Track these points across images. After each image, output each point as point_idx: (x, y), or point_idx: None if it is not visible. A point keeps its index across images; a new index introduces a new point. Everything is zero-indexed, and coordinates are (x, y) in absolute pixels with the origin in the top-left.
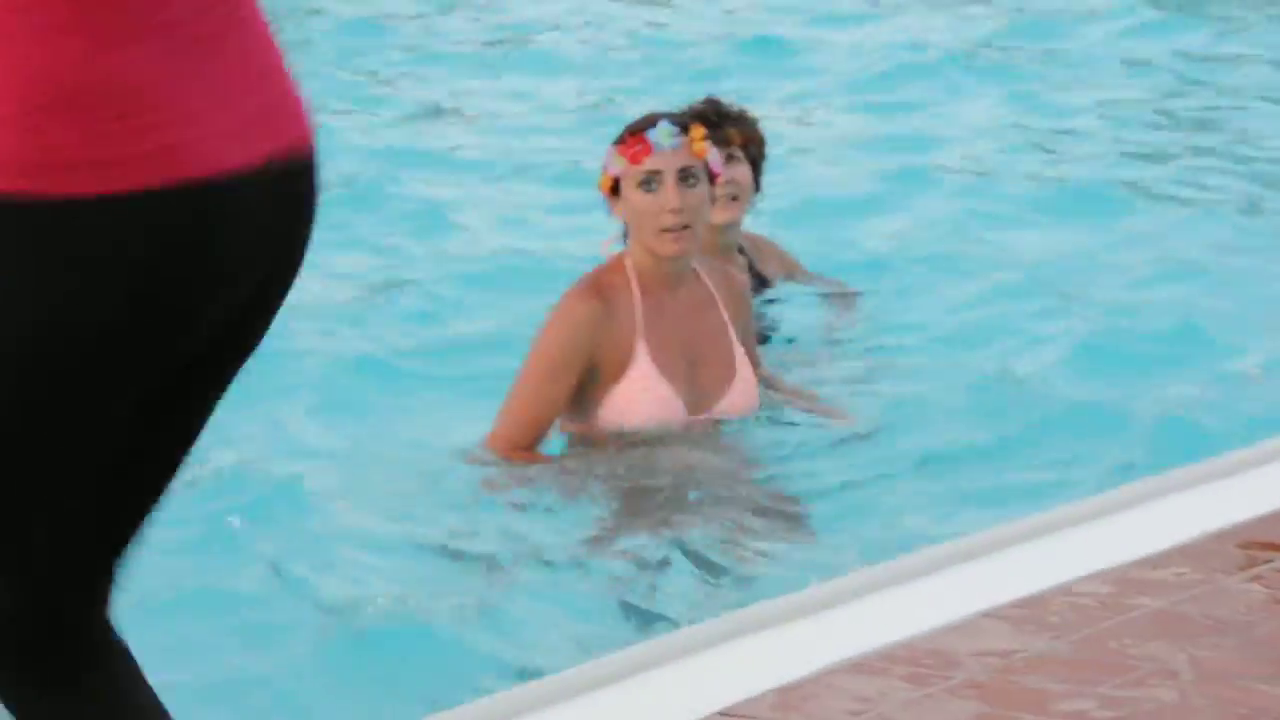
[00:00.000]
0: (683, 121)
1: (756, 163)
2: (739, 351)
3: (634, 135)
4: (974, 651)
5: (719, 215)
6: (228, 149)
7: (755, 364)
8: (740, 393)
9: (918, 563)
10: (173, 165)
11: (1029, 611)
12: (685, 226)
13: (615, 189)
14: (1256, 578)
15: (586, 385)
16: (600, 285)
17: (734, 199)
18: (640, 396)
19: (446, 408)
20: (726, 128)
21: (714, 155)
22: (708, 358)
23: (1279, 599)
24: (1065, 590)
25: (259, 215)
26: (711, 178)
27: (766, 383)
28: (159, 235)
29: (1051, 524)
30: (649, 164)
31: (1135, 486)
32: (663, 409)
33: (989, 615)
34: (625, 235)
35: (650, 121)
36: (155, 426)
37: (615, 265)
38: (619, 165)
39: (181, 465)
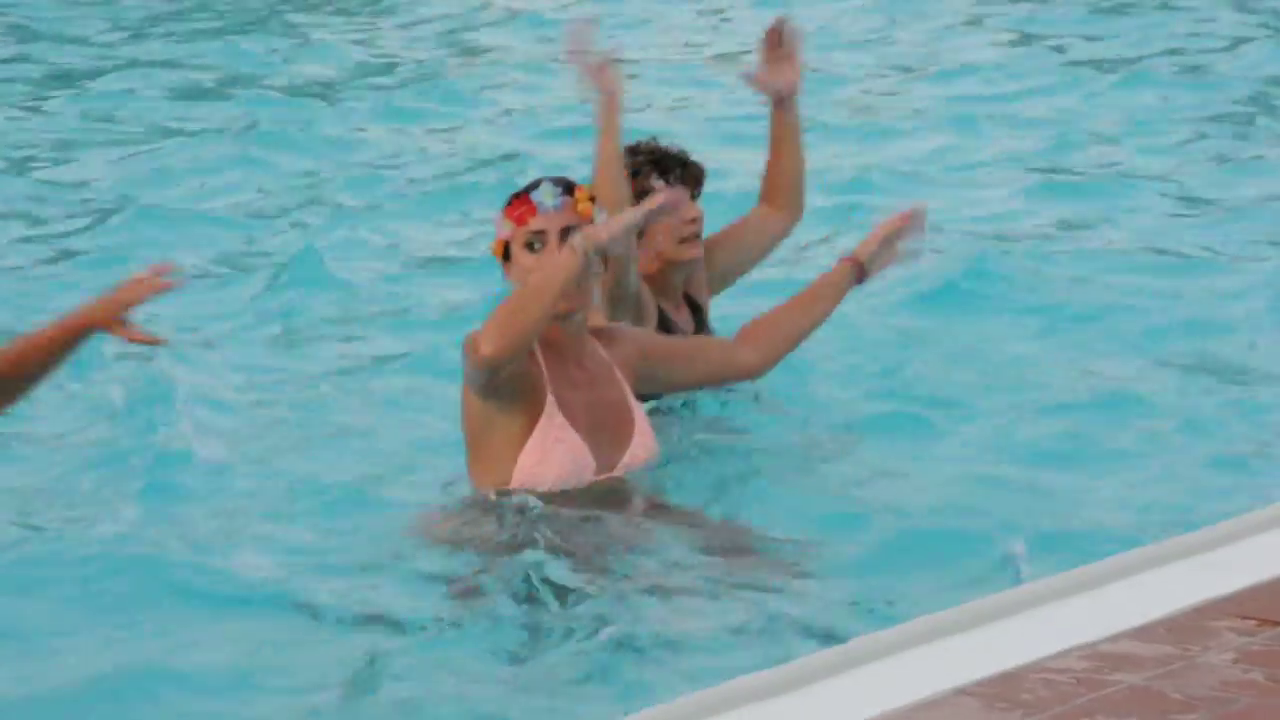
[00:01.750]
0: (566, 182)
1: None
2: (635, 406)
3: (519, 198)
4: None
5: (688, 253)
6: None
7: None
8: (640, 446)
9: (889, 639)
10: None
11: (1002, 688)
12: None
13: (506, 253)
14: (1235, 652)
15: (501, 431)
16: None
17: (698, 236)
18: (554, 447)
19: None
20: (692, 170)
21: (601, 216)
22: (607, 418)
23: (1257, 675)
24: (1040, 666)
25: None
26: None
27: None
28: None
29: (1026, 599)
30: (534, 224)
31: (1111, 561)
32: (574, 462)
33: (963, 692)
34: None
35: (532, 184)
36: None
37: None
38: (507, 228)
39: None
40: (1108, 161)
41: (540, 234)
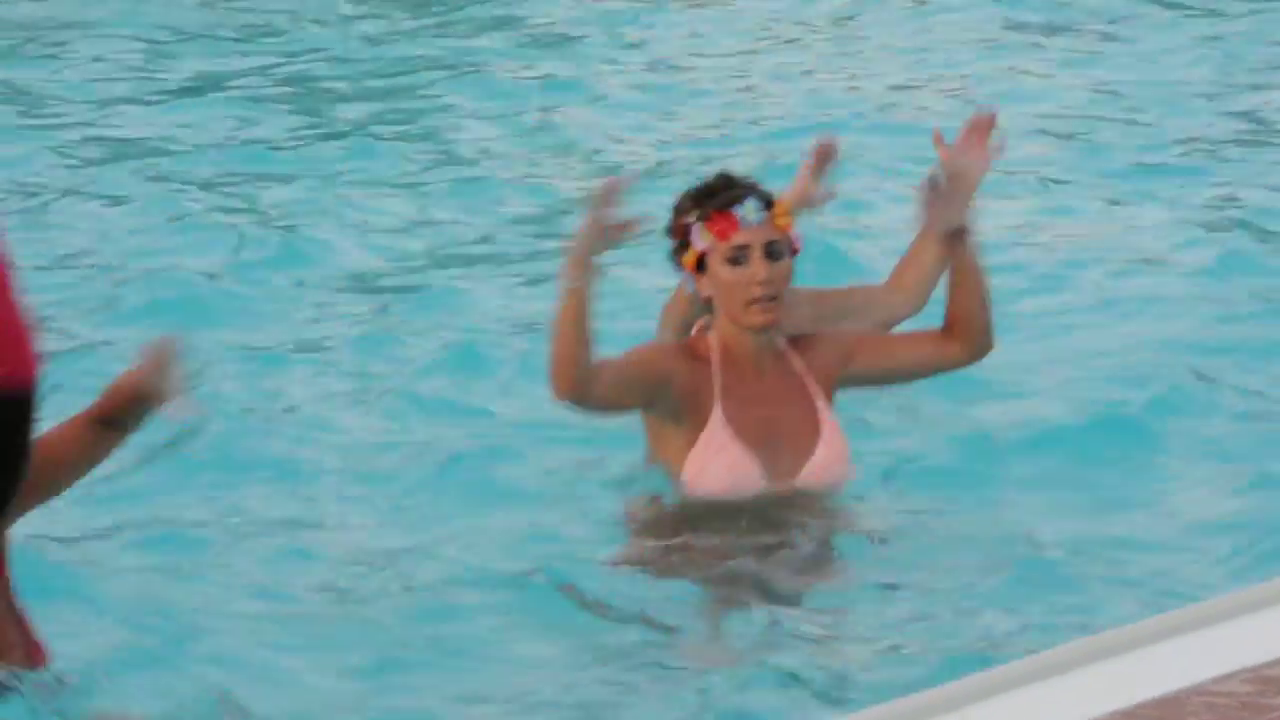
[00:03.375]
0: (767, 197)
1: None
2: (826, 419)
3: (720, 212)
4: None
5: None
6: None
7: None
8: (826, 459)
9: (1050, 660)
10: None
11: (1164, 712)
12: (772, 298)
13: (699, 264)
14: None
15: (666, 436)
16: (684, 349)
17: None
18: (715, 459)
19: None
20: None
21: (796, 230)
22: (785, 431)
23: None
24: (1202, 690)
25: None
26: (793, 250)
27: None
28: None
29: (1189, 621)
30: (737, 239)
31: (1276, 583)
32: (734, 474)
33: (1124, 715)
34: (709, 310)
35: (733, 198)
36: None
37: (699, 339)
38: (706, 241)
39: None
40: None
41: (744, 249)
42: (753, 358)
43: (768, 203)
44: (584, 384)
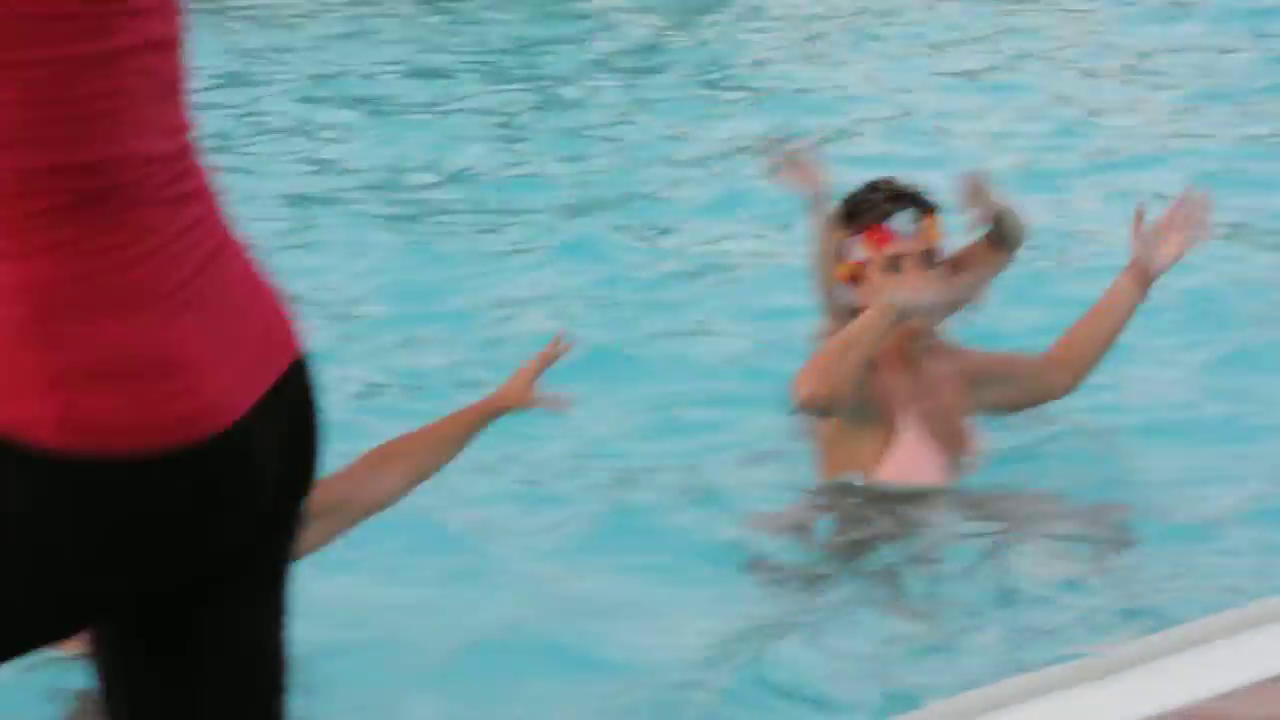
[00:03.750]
0: (924, 205)
1: None
2: (967, 422)
3: (877, 225)
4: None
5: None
6: (235, 396)
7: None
8: (973, 451)
9: (1202, 629)
10: (182, 420)
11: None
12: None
13: (854, 276)
14: None
15: (848, 438)
16: None
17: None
18: (896, 450)
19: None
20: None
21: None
22: (945, 424)
23: None
24: None
25: (267, 444)
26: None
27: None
28: (166, 483)
29: None
30: (892, 250)
31: None
32: (915, 464)
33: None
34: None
35: (886, 212)
36: (183, 656)
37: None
38: (862, 252)
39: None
40: None
41: (899, 259)
42: (909, 360)
43: (923, 209)
44: (840, 397)
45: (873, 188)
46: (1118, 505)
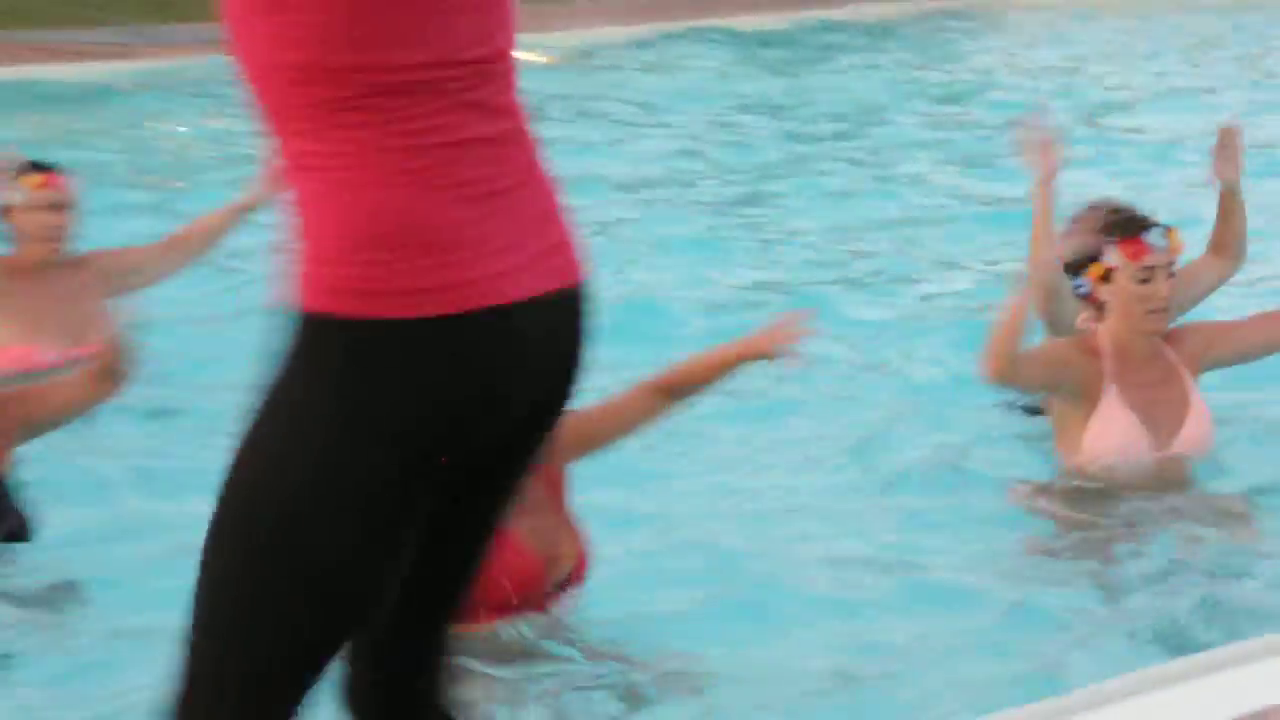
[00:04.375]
0: (1165, 227)
1: None
2: (1196, 398)
3: (1133, 238)
4: None
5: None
6: (512, 284)
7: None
8: (1193, 434)
9: None
10: (465, 297)
11: None
12: (1166, 309)
13: (1104, 276)
14: None
15: (1066, 416)
16: (1080, 343)
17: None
18: (1109, 429)
19: None
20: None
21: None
22: (1161, 408)
23: None
24: None
25: (535, 342)
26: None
27: None
28: (450, 354)
29: None
30: (1147, 261)
31: None
32: (1127, 440)
33: None
34: (1100, 310)
35: (1145, 225)
36: (429, 535)
37: (1090, 336)
38: (1116, 258)
39: (463, 573)
40: None
41: (1152, 269)
42: (1139, 350)
43: (1168, 227)
44: (1012, 371)
45: (1128, 208)
46: None
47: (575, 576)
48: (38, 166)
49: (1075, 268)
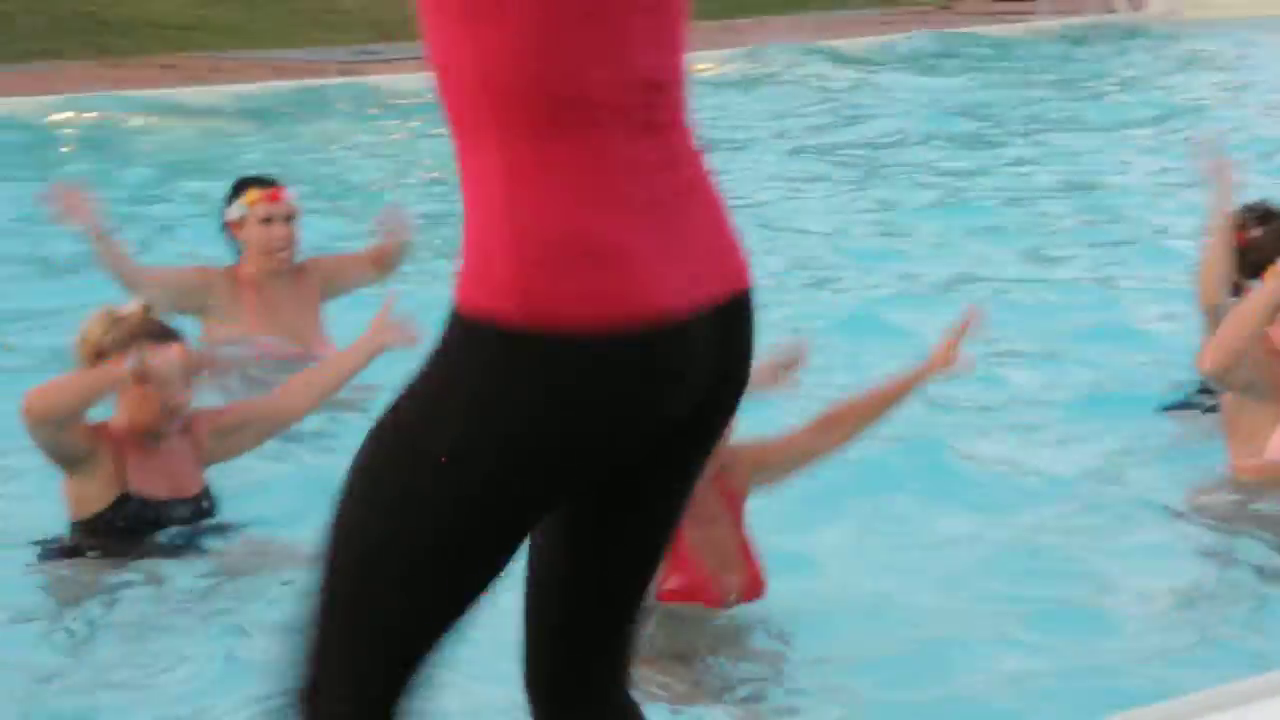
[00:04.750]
0: None
1: None
2: None
3: None
4: None
5: None
6: (676, 294)
7: None
8: None
9: None
10: (628, 305)
11: None
12: None
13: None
14: None
15: (1249, 415)
16: (1264, 339)
17: None
18: None
19: None
20: None
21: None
22: None
23: None
24: None
25: (700, 349)
26: None
27: None
28: (609, 360)
29: None
30: None
31: None
32: None
33: None
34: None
35: None
36: (583, 540)
37: (1266, 338)
38: None
39: (638, 575)
40: None
41: None
42: None
43: None
44: (1235, 365)
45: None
46: None
47: (749, 595)
48: (261, 181)
49: (1255, 270)
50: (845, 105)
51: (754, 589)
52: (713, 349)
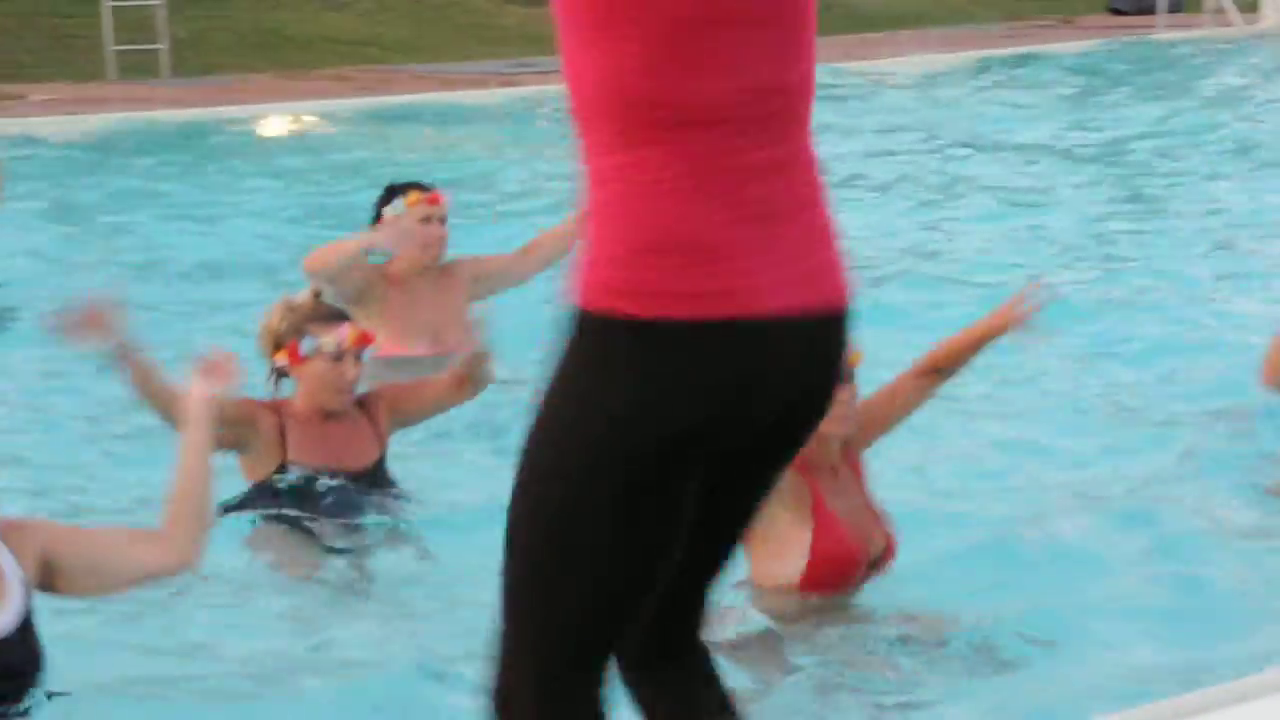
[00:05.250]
0: None
1: None
2: None
3: None
4: None
5: None
6: (774, 297)
7: None
8: None
9: None
10: (731, 304)
11: None
12: None
13: None
14: None
15: None
16: None
17: None
18: None
19: None
20: None
21: None
22: None
23: None
24: None
25: (792, 354)
26: None
27: None
28: (710, 353)
29: None
30: None
31: None
32: None
33: None
34: None
35: None
36: (673, 524)
37: None
38: None
39: (722, 555)
40: None
41: None
42: None
43: None
44: None
45: None
46: None
47: (884, 559)
48: (418, 185)
49: None
50: (968, 118)
51: (888, 553)
52: (800, 357)
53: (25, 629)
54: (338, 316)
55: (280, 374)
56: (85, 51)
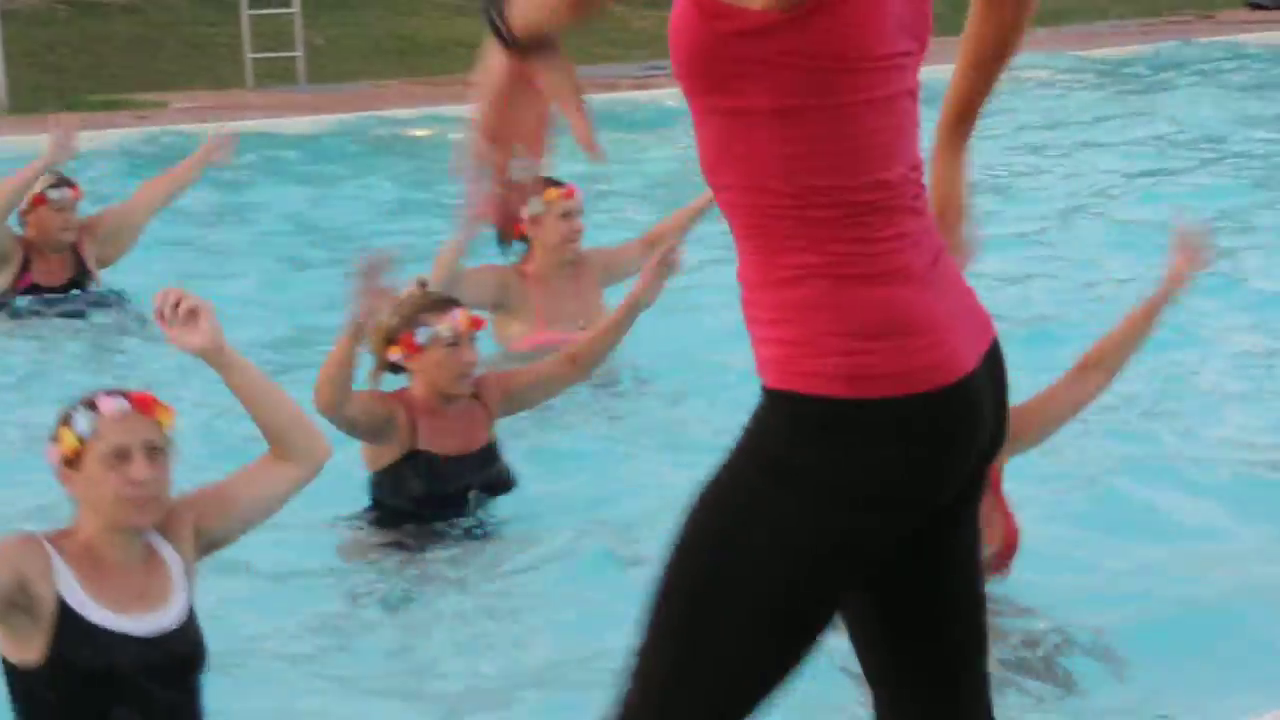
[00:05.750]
0: None
1: None
2: None
3: None
4: None
5: None
6: (965, 355)
7: None
8: None
9: None
10: (938, 374)
11: None
12: None
13: None
14: None
15: None
16: None
17: None
18: None
19: None
20: None
21: None
22: None
23: None
24: None
25: (989, 400)
26: None
27: None
28: (935, 423)
29: None
30: None
31: None
32: None
33: None
34: None
35: None
36: (926, 579)
37: None
38: None
39: (969, 605)
40: None
41: None
42: None
43: None
44: None
45: None
46: None
47: (1003, 557)
48: (554, 181)
49: None
50: (1108, 113)
51: (1008, 551)
52: (991, 396)
53: (189, 619)
54: (449, 303)
55: (394, 368)
56: (224, 60)
